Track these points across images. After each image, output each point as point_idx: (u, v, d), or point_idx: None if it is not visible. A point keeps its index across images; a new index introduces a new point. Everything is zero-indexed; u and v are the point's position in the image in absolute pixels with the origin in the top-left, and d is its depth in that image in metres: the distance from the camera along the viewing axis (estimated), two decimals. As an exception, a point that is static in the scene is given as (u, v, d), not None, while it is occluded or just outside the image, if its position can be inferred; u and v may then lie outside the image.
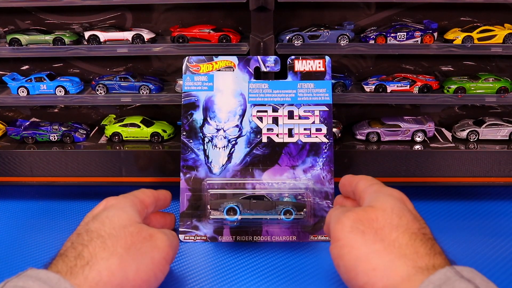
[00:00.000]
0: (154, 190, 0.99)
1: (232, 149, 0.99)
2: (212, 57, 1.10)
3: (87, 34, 1.79)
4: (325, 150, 0.97)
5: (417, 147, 1.80)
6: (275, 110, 0.99)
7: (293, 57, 1.11)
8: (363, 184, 0.95)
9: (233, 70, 1.01)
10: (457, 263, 0.87)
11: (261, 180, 0.98)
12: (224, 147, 0.99)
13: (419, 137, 1.83)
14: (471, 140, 1.83)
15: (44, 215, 1.73)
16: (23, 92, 1.83)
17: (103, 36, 1.78)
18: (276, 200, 0.98)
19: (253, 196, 0.97)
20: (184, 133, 0.99)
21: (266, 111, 0.99)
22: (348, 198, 1.03)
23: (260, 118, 1.00)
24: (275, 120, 1.00)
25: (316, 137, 0.98)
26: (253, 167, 0.99)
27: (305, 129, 0.99)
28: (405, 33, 1.78)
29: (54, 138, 1.87)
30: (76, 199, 1.80)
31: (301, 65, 1.07)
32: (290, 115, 1.00)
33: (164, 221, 1.11)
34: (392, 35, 1.78)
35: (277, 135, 0.99)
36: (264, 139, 0.98)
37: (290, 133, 0.98)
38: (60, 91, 1.82)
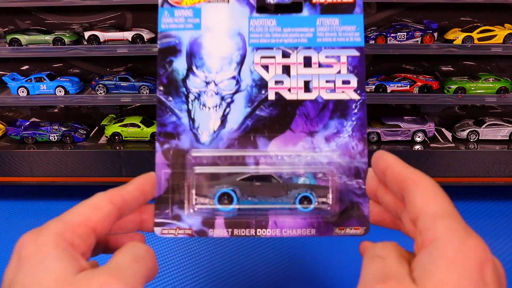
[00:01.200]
0: (118, 189, 0.60)
1: (227, 110, 0.71)
2: None
3: (87, 34, 1.79)
4: (355, 111, 0.69)
5: (417, 147, 1.80)
6: (285, 55, 0.70)
7: None
8: (427, 206, 0.52)
9: (228, 1, 0.72)
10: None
11: (267, 152, 0.70)
12: (216, 106, 0.70)
13: (419, 137, 1.83)
14: (471, 140, 1.83)
15: (44, 215, 1.73)
16: (23, 92, 1.83)
17: (103, 36, 1.78)
18: (288, 181, 0.70)
19: (256, 177, 0.69)
20: (161, 88, 0.69)
21: (273, 57, 0.71)
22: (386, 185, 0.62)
23: (266, 67, 0.70)
24: (286, 70, 0.71)
25: (343, 92, 0.69)
26: (256, 134, 0.70)
27: (327, 82, 0.70)
28: (405, 33, 1.78)
29: (54, 138, 1.87)
30: (76, 199, 1.79)
31: None
32: (307, 62, 0.71)
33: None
34: (392, 35, 1.78)
35: (289, 90, 0.71)
36: (271, 96, 0.70)
37: (307, 87, 0.70)
38: (60, 91, 1.82)
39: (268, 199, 0.70)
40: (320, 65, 0.71)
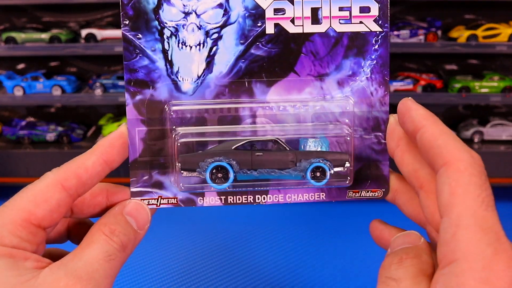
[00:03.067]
0: (74, 164, 0.47)
1: (214, 48, 0.55)
2: None
3: (84, 32, 1.77)
4: (376, 47, 0.54)
5: (420, 147, 1.78)
6: None
7: None
8: (452, 206, 0.39)
9: None
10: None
11: (265, 101, 0.56)
12: (199, 45, 0.55)
13: (422, 137, 1.80)
14: (476, 140, 1.81)
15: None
16: (19, 91, 1.80)
17: (100, 34, 1.76)
18: (295, 146, 0.57)
19: (257, 142, 0.56)
20: (126, 22, 0.53)
21: None
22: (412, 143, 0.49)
23: None
24: None
25: (361, 22, 0.55)
26: (252, 79, 0.56)
27: (341, 10, 0.55)
28: (408, 31, 1.75)
29: (51, 138, 1.84)
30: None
31: None
32: None
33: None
34: (395, 33, 1.76)
35: (292, 21, 0.55)
36: (270, 29, 0.54)
37: (315, 17, 0.55)
38: (56, 90, 1.80)
39: (273, 172, 0.56)
40: None
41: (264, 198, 0.57)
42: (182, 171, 0.54)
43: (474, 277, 0.36)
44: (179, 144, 0.54)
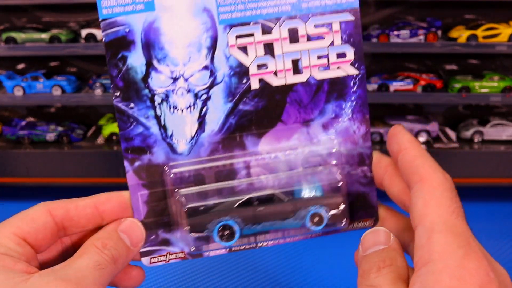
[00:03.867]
0: (67, 201, 0.52)
1: (204, 109, 0.57)
2: None
3: (84, 32, 1.76)
4: (354, 88, 0.58)
5: (420, 147, 1.78)
6: (266, 31, 0.57)
7: None
8: (425, 215, 0.45)
9: None
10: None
11: (258, 152, 0.58)
12: (190, 107, 0.57)
13: (422, 137, 1.80)
14: (476, 140, 1.81)
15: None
16: (19, 91, 1.80)
17: (100, 34, 1.76)
18: (293, 198, 0.59)
19: (258, 199, 0.58)
20: (118, 94, 0.54)
21: (252, 35, 0.57)
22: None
23: (244, 49, 0.57)
24: (269, 49, 0.57)
25: (338, 68, 0.57)
26: (243, 133, 0.58)
27: (319, 58, 0.57)
28: (408, 31, 1.76)
29: (51, 138, 1.84)
30: (73, 200, 1.77)
31: None
32: (293, 36, 0.57)
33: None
34: (395, 33, 1.76)
35: (275, 74, 0.57)
36: (255, 84, 0.57)
37: (296, 68, 0.57)
38: (56, 90, 1.80)
39: (275, 224, 0.59)
40: (309, 38, 0.57)
41: (266, 243, 0.60)
42: (191, 233, 0.57)
43: (449, 274, 0.40)
44: (186, 209, 0.56)
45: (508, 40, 1.72)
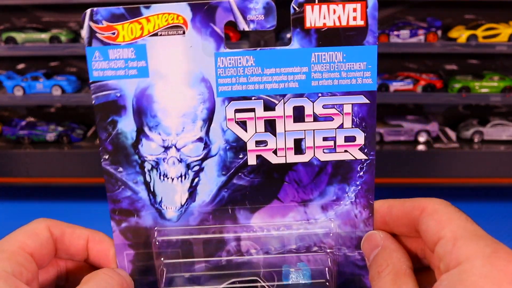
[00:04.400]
0: (62, 222, 0.53)
1: (196, 179, 0.55)
2: (139, 7, 0.51)
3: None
4: (361, 173, 0.55)
5: (420, 147, 1.77)
6: (269, 107, 0.53)
7: (302, 0, 0.51)
8: (443, 230, 0.45)
9: (184, 33, 0.51)
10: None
11: (250, 226, 0.56)
12: (181, 176, 0.55)
13: (422, 137, 1.80)
14: (476, 140, 1.81)
15: (41, 216, 1.70)
16: (19, 91, 1.80)
17: (100, 34, 1.76)
18: (277, 281, 0.57)
19: (242, 282, 0.57)
20: (106, 157, 0.53)
21: (252, 110, 0.54)
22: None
23: (243, 123, 0.54)
24: (271, 126, 0.54)
25: (346, 151, 0.54)
26: (235, 207, 0.56)
27: (325, 140, 0.54)
28: (408, 31, 1.75)
29: (51, 138, 1.84)
30: (73, 200, 1.77)
31: (318, 16, 0.51)
32: (298, 115, 0.53)
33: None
34: (395, 33, 1.76)
35: (275, 152, 0.54)
36: (252, 160, 0.54)
37: (298, 148, 0.54)
38: (56, 90, 1.79)
39: None
40: (315, 118, 0.53)
41: None
42: None
43: (475, 273, 0.39)
44: (163, 266, 0.55)
45: (508, 40, 1.72)
